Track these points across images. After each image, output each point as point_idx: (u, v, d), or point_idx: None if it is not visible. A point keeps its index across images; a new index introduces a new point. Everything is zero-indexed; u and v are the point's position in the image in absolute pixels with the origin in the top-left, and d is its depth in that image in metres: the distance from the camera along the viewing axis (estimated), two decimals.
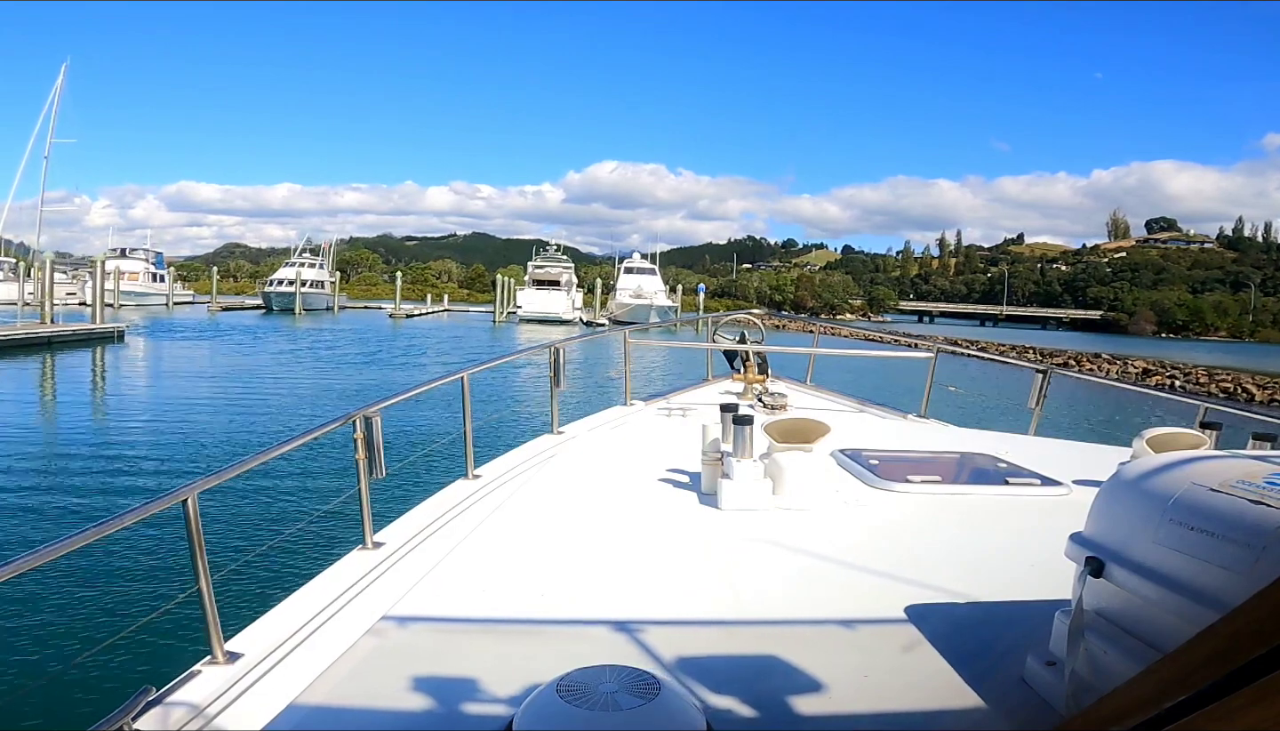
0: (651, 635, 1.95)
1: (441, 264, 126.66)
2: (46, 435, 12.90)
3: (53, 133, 47.41)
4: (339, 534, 5.61)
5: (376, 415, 2.84)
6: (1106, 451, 4.25)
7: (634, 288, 56.53)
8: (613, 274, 66.89)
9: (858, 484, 3.31)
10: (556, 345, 4.83)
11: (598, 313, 57.20)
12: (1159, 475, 1.39)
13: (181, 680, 1.95)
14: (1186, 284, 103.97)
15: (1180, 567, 1.21)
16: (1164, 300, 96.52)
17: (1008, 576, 2.36)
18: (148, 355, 26.65)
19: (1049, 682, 1.49)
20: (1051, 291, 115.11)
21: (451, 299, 77.99)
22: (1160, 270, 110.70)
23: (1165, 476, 1.37)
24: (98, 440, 12.14)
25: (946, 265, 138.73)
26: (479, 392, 4.84)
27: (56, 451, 11.14)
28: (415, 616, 2.11)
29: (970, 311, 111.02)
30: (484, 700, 1.58)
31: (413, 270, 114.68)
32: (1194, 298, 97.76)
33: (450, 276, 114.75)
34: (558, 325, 50.79)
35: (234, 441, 11.93)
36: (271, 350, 29.45)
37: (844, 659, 1.82)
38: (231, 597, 4.99)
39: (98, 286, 30.94)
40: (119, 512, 1.95)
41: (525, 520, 2.94)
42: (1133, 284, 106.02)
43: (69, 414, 15.08)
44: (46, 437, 12.61)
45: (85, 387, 19.54)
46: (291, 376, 21.59)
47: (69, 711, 4.25)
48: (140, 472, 10.00)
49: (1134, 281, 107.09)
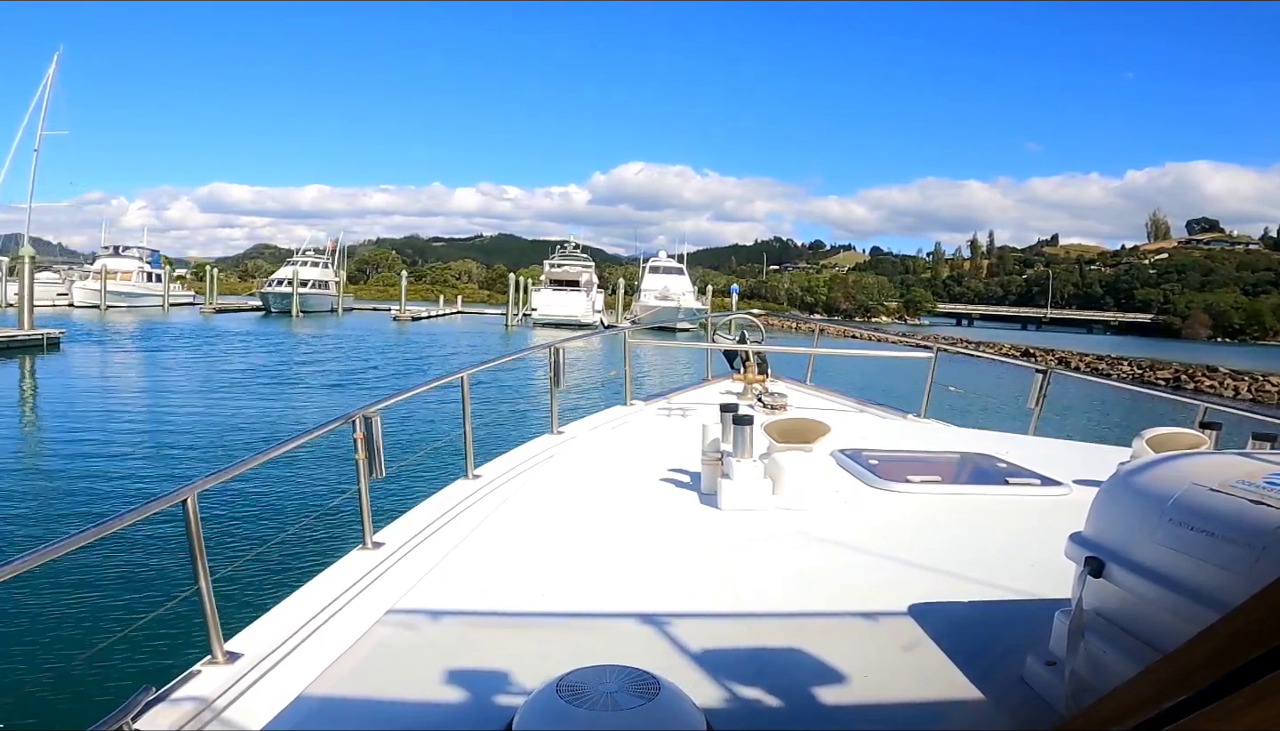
0: (651, 635, 1.95)
1: (462, 264, 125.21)
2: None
3: (44, 125, 44.53)
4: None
5: (376, 415, 2.84)
6: (1106, 451, 4.25)
7: (660, 288, 51.73)
8: (637, 274, 61.71)
9: (858, 484, 3.31)
10: (556, 345, 4.84)
11: (620, 315, 53.42)
12: (1159, 475, 1.39)
13: (181, 680, 1.95)
14: (1237, 285, 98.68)
15: (1180, 567, 1.21)
16: (1218, 302, 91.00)
17: (1008, 576, 2.36)
18: (73, 370, 22.00)
19: (1049, 682, 1.49)
20: (1092, 294, 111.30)
21: (469, 300, 75.53)
22: (1208, 272, 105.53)
23: (1165, 476, 1.37)
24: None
25: (979, 267, 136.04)
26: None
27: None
28: (415, 616, 2.11)
29: (1011, 314, 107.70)
30: (484, 700, 1.58)
31: (432, 270, 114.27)
32: (1250, 300, 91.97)
33: (470, 277, 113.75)
34: (575, 329, 44.67)
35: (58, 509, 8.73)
36: (239, 363, 24.86)
37: (844, 658, 1.82)
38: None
39: (24, 287, 26.36)
40: (119, 513, 1.95)
41: (525, 520, 2.94)
42: (1182, 285, 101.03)
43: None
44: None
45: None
46: (230, 403, 16.87)
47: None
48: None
49: (1182, 283, 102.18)
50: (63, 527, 7.29)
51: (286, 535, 6.75)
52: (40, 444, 12.88)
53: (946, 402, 7.32)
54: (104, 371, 22.77)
